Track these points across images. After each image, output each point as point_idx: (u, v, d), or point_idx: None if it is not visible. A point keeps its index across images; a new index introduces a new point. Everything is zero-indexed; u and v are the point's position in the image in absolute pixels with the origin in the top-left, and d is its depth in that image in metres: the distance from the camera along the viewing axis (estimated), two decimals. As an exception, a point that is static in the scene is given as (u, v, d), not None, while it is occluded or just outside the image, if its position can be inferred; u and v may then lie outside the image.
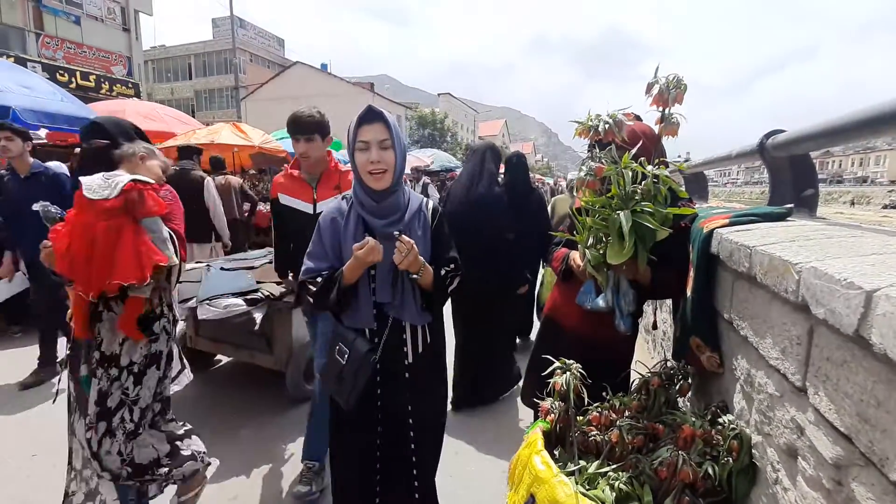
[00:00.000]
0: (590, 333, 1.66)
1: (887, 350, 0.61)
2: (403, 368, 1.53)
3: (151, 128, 7.42)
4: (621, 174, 1.36)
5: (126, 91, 17.40)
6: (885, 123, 1.19)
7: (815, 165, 1.87)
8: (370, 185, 1.46)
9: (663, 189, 1.37)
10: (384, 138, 1.43)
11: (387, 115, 1.45)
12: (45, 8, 16.82)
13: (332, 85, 32.76)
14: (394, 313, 1.47)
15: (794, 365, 0.91)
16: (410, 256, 1.37)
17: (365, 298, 1.48)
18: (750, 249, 1.06)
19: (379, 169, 1.43)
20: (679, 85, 1.46)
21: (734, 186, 76.59)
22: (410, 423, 1.55)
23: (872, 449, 0.68)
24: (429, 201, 1.61)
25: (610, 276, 1.50)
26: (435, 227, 1.57)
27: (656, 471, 1.15)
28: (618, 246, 1.35)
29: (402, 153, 1.48)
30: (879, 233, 1.17)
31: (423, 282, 1.46)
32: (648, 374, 1.50)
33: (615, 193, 1.38)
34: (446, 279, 1.52)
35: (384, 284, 1.46)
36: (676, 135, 1.49)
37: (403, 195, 1.53)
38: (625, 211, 1.34)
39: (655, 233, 1.35)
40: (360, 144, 1.44)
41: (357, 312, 1.49)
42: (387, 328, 1.46)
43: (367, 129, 1.43)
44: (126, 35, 19.71)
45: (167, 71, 36.95)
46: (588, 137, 1.50)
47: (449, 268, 1.53)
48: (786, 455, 0.96)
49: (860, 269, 0.73)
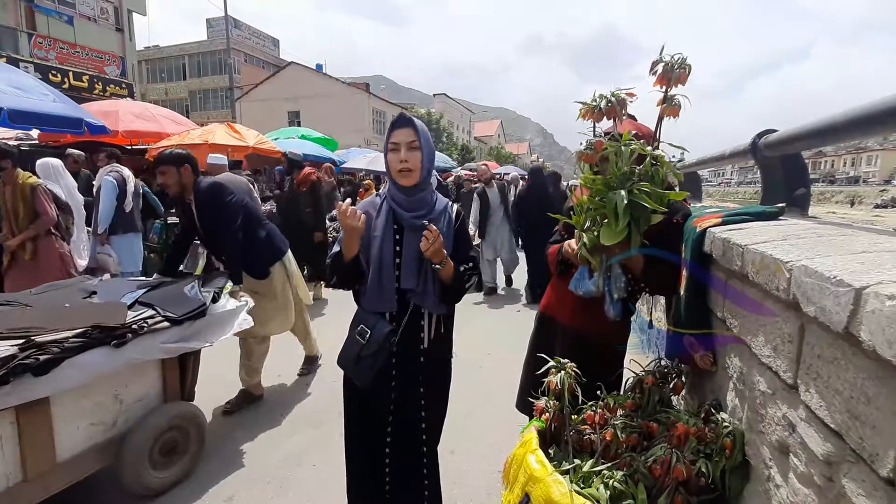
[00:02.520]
0: (582, 327, 1.71)
1: (876, 347, 0.62)
2: (419, 353, 1.63)
3: (145, 128, 7.37)
4: (619, 152, 1.38)
5: (119, 91, 17.28)
6: (876, 123, 1.20)
7: (808, 165, 1.89)
8: (400, 182, 1.58)
9: (661, 171, 1.38)
10: (412, 140, 1.55)
11: (416, 121, 1.59)
12: (37, 8, 16.68)
13: (327, 85, 32.64)
14: (416, 300, 1.58)
15: (786, 362, 0.92)
16: (436, 244, 1.47)
17: (389, 283, 1.58)
18: (742, 248, 1.07)
19: (407, 167, 1.55)
20: (683, 65, 1.45)
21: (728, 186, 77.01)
22: (422, 403, 1.66)
23: (862, 445, 0.69)
24: (453, 204, 1.75)
25: (603, 261, 1.51)
26: (458, 228, 1.69)
27: (650, 469, 1.15)
28: (613, 226, 1.36)
29: (430, 155, 1.60)
30: (870, 231, 1.18)
31: (444, 273, 1.55)
32: (642, 372, 1.51)
33: (613, 173, 1.40)
34: (464, 275, 1.62)
35: (409, 271, 1.56)
36: (678, 115, 1.49)
37: (431, 195, 1.66)
38: (622, 190, 1.35)
39: (650, 215, 1.36)
40: (391, 146, 1.57)
41: (380, 296, 1.58)
42: (407, 313, 1.58)
43: (398, 133, 1.56)
44: (119, 35, 19.57)
45: (161, 71, 36.72)
46: (592, 119, 1.53)
47: (468, 265, 1.63)
48: (778, 452, 0.96)
49: (850, 267, 0.74)
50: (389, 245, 1.59)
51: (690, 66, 1.44)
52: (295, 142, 10.25)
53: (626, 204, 1.32)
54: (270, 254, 3.14)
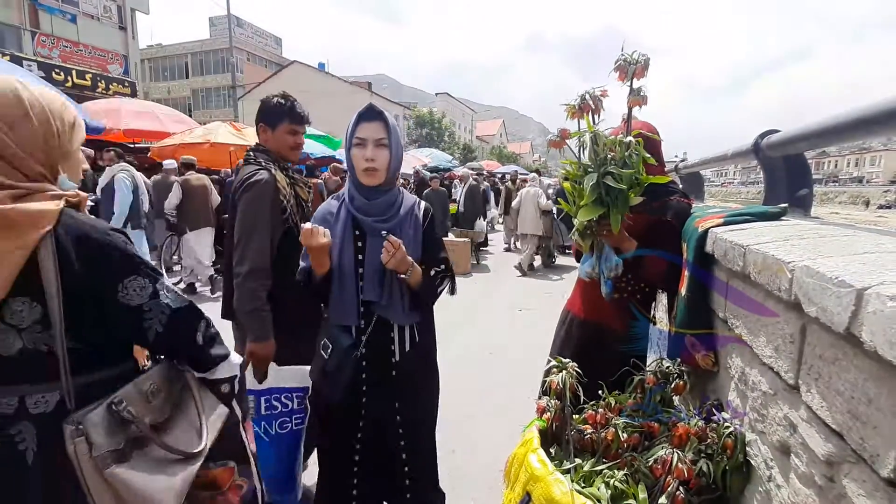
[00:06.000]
0: (590, 317, 1.79)
1: (877, 347, 0.62)
2: (390, 367, 1.51)
3: (147, 127, 7.40)
4: (595, 139, 1.47)
5: (122, 90, 17.32)
6: (879, 123, 1.19)
7: (811, 165, 1.89)
8: (363, 181, 1.46)
9: (633, 156, 1.44)
10: (381, 137, 1.43)
11: (387, 115, 1.46)
12: (40, 6, 16.73)
13: (330, 84, 32.68)
14: (381, 312, 1.47)
15: (787, 363, 0.92)
16: (398, 256, 1.37)
17: (350, 296, 1.46)
18: (744, 248, 1.07)
19: (373, 167, 1.43)
20: (639, 60, 1.51)
21: (731, 186, 76.87)
22: (398, 420, 1.53)
23: (863, 446, 0.69)
24: (421, 202, 1.61)
25: (596, 245, 1.59)
26: (426, 228, 1.56)
27: (651, 468, 1.16)
28: (588, 205, 1.46)
29: (398, 153, 1.48)
30: (872, 232, 1.17)
31: (412, 281, 1.45)
32: (644, 372, 1.51)
33: (590, 159, 1.48)
34: (436, 279, 1.52)
35: (372, 283, 1.45)
36: (641, 105, 1.54)
37: (396, 195, 1.53)
38: (595, 173, 1.45)
39: (627, 197, 1.43)
40: (356, 140, 1.44)
41: (342, 309, 1.47)
42: (370, 326, 1.46)
43: (365, 127, 1.44)
44: (122, 33, 19.62)
45: (164, 70, 36.82)
46: (577, 117, 1.58)
47: (439, 268, 1.53)
48: (779, 452, 0.96)
49: (852, 268, 0.74)
50: (350, 254, 1.47)
51: (648, 59, 1.49)
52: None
53: (594, 183, 1.42)
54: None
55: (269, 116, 1.91)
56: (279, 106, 1.90)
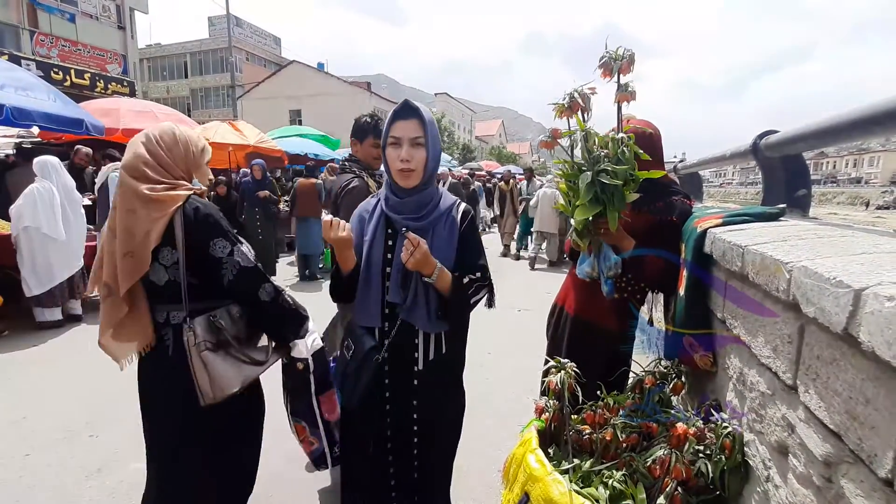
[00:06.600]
0: (582, 314, 1.80)
1: (875, 348, 0.62)
2: (412, 375, 1.44)
3: (146, 126, 7.40)
4: (587, 137, 1.47)
5: (121, 89, 17.33)
6: (877, 124, 1.20)
7: (810, 166, 1.89)
8: (399, 182, 1.40)
9: (626, 152, 1.43)
10: (417, 135, 1.36)
11: (423, 111, 1.37)
12: (39, 5, 16.70)
13: (329, 84, 32.68)
14: (404, 316, 1.40)
15: (785, 363, 0.92)
16: (417, 255, 1.28)
17: (375, 296, 1.42)
18: (742, 249, 1.07)
19: (408, 167, 1.36)
20: (623, 56, 1.50)
21: (730, 187, 76.97)
22: (415, 430, 1.48)
23: (861, 446, 0.69)
24: (461, 203, 1.51)
25: (593, 244, 1.59)
26: (463, 231, 1.45)
27: (650, 469, 1.16)
28: (584, 204, 1.45)
29: (436, 152, 1.41)
30: (870, 233, 1.17)
31: (440, 286, 1.36)
32: (642, 372, 1.51)
33: (584, 157, 1.48)
34: (470, 287, 1.40)
35: (395, 284, 1.39)
36: (629, 101, 1.52)
37: (433, 195, 1.45)
38: (589, 171, 1.44)
39: (623, 194, 1.43)
40: (391, 140, 1.38)
41: (366, 309, 1.43)
42: (394, 330, 1.40)
43: (400, 125, 1.36)
44: (121, 33, 19.60)
45: (163, 69, 36.79)
46: (566, 116, 1.57)
47: (474, 276, 1.42)
48: (777, 452, 0.96)
49: (850, 268, 0.74)
50: (378, 252, 1.42)
51: (633, 54, 1.48)
52: (296, 140, 10.27)
53: (588, 181, 1.41)
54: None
55: (358, 132, 2.29)
56: (366, 124, 2.27)
